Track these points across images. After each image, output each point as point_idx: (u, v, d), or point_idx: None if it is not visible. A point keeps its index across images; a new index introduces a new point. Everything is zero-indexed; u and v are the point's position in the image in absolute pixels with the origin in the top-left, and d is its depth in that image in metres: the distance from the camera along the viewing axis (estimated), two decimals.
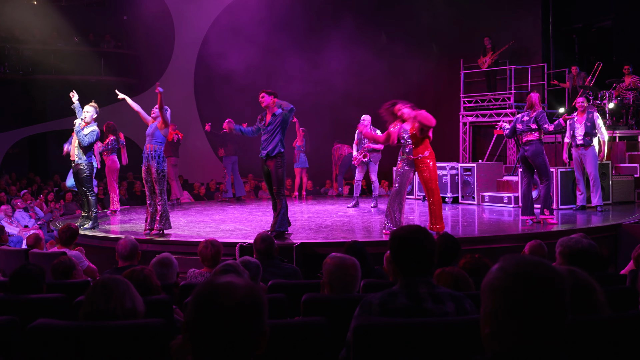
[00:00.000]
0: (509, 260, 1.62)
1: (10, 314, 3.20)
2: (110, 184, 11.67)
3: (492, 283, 1.61)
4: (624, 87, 13.16)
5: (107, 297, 2.66)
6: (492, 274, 1.63)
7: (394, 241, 2.82)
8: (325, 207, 12.10)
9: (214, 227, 9.26)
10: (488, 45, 15.61)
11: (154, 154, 8.14)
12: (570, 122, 10.15)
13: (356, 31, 17.36)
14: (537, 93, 9.39)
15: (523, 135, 8.58)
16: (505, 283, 1.58)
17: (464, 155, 16.12)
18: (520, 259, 1.62)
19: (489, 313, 1.60)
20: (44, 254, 6.72)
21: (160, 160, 8.14)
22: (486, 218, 10.16)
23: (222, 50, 17.17)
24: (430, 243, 2.79)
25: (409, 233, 2.81)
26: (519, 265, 1.59)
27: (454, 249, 4.66)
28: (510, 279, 1.57)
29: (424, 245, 2.76)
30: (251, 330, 1.64)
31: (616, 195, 11.01)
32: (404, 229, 2.87)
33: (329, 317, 2.91)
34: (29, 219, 12.29)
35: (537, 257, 1.66)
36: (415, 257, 2.75)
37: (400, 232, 2.86)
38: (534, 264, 1.59)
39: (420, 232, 2.83)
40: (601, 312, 2.49)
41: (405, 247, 2.77)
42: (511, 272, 1.58)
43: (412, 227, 2.86)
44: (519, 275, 1.57)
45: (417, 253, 2.75)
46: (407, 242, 2.77)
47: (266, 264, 4.91)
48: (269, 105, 7.93)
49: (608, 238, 8.16)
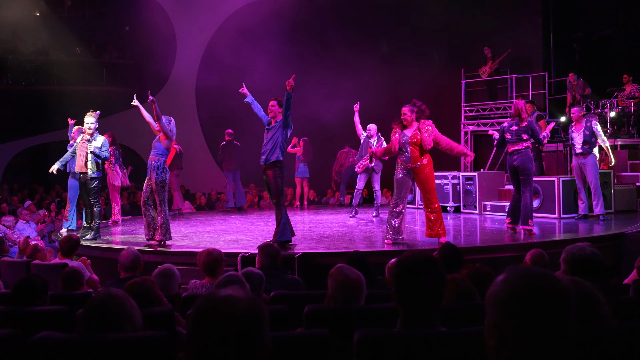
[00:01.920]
0: (514, 272, 1.62)
1: (13, 326, 3.19)
2: (113, 194, 11.68)
3: (497, 295, 1.60)
4: (625, 96, 13.17)
5: (100, 321, 2.62)
6: (496, 285, 1.62)
7: (397, 270, 2.47)
8: (327, 217, 12.09)
9: (215, 238, 9.25)
10: (488, 54, 15.64)
11: (154, 165, 8.21)
12: (569, 132, 10.20)
13: (357, 41, 17.41)
14: (523, 100, 9.47)
15: (511, 145, 8.55)
16: (510, 296, 1.57)
17: (466, 164, 16.11)
18: (525, 271, 1.61)
19: (493, 325, 1.60)
20: (46, 265, 6.71)
21: (160, 171, 8.19)
22: (488, 227, 10.14)
23: (224, 60, 17.22)
24: (436, 278, 2.42)
25: (413, 264, 2.44)
26: (524, 277, 1.58)
27: (456, 259, 4.65)
28: (516, 291, 1.57)
29: (427, 280, 2.40)
30: (253, 344, 1.64)
31: (618, 204, 10.99)
32: (410, 258, 2.47)
33: (332, 329, 2.90)
34: (31, 230, 12.29)
35: (541, 268, 1.66)
36: (416, 292, 2.41)
37: (404, 260, 2.48)
38: (539, 276, 1.58)
39: (428, 264, 2.44)
40: (605, 323, 2.48)
41: (406, 279, 2.42)
42: (516, 285, 1.58)
43: (420, 257, 2.47)
44: (524, 288, 1.56)
45: (418, 288, 2.40)
46: (409, 274, 2.42)
47: (269, 275, 4.90)
48: (275, 114, 7.95)
49: (611, 247, 8.13)
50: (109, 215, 12.48)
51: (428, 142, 7.54)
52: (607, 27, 15.78)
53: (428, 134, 7.55)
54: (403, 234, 7.90)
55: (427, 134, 7.55)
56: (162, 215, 8.23)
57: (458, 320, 3.01)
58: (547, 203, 10.56)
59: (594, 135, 10.08)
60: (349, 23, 17.39)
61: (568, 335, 1.55)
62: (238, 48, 17.24)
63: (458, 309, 3.28)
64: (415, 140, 7.58)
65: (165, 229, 8.26)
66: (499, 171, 13.45)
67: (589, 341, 2.35)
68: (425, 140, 7.54)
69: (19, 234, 11.79)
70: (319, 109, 15.76)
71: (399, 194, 7.81)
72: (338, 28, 17.08)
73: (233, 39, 17.56)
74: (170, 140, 8.34)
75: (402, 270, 2.44)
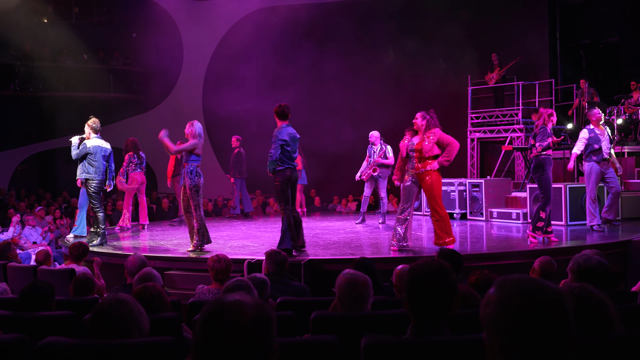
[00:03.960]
0: (504, 289, 1.56)
1: (20, 331, 3.19)
2: (127, 200, 11.70)
3: (490, 318, 1.55)
4: (632, 103, 13.12)
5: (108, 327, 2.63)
6: (490, 306, 1.56)
7: (408, 277, 2.50)
8: (333, 224, 12.08)
9: (222, 244, 9.25)
10: (495, 61, 15.64)
11: (187, 170, 8.21)
12: (591, 136, 9.70)
13: (362, 47, 17.45)
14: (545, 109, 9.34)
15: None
16: (504, 320, 1.53)
17: (472, 171, 16.10)
18: (514, 287, 1.55)
19: (491, 346, 1.56)
20: (53, 270, 6.74)
21: (193, 176, 8.18)
22: (494, 234, 10.11)
23: (230, 67, 17.28)
24: (448, 287, 2.44)
25: (424, 273, 2.46)
26: (517, 296, 1.52)
27: (456, 265, 4.64)
28: (510, 311, 1.52)
29: (438, 289, 2.42)
30: (261, 349, 1.63)
31: (626, 211, 10.91)
32: (422, 266, 2.50)
33: (339, 335, 2.89)
34: (37, 236, 12.32)
35: (532, 278, 1.59)
36: (427, 301, 2.43)
37: (416, 269, 2.50)
38: (530, 290, 1.53)
39: (440, 272, 2.46)
40: (614, 330, 2.46)
41: (417, 287, 2.45)
42: (507, 304, 1.53)
43: (432, 265, 2.50)
44: (519, 308, 1.51)
45: (430, 296, 2.43)
46: (420, 283, 2.45)
47: (275, 281, 4.90)
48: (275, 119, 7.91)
49: (618, 254, 8.08)
50: (115, 220, 12.51)
51: (427, 149, 7.54)
52: (614, 34, 15.76)
53: (429, 141, 7.56)
54: (409, 240, 7.88)
55: (428, 141, 7.57)
56: (198, 220, 8.25)
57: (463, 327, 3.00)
58: (554, 210, 10.49)
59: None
60: (352, 30, 17.42)
61: (570, 344, 1.51)
62: (244, 55, 17.29)
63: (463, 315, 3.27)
64: (419, 147, 7.63)
65: (201, 234, 8.27)
66: (506, 178, 13.43)
67: (598, 348, 2.33)
68: (425, 147, 7.55)
69: (25, 239, 11.82)
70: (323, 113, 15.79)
71: (405, 201, 7.82)
72: (345, 34, 17.13)
73: (239, 46, 17.61)
74: (192, 150, 8.25)
75: (413, 279, 2.46)
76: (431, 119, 7.65)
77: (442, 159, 7.51)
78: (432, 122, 7.64)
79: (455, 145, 7.55)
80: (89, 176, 9.32)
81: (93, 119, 9.58)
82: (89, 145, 9.34)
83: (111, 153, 9.64)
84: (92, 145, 9.35)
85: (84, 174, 9.36)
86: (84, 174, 9.36)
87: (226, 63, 18.02)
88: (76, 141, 9.50)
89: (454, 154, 7.54)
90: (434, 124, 7.64)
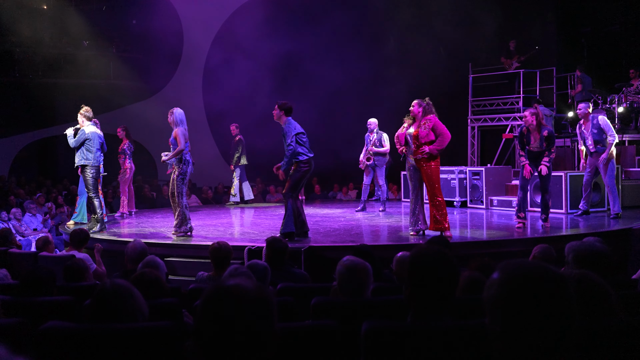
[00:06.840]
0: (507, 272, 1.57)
1: (21, 316, 3.20)
2: (122, 187, 11.71)
3: (493, 300, 1.56)
4: (632, 91, 13.06)
5: (107, 311, 2.64)
6: (493, 288, 1.58)
7: (411, 263, 2.51)
8: (334, 211, 12.09)
9: (222, 231, 9.27)
10: (512, 48, 15.60)
11: (175, 160, 8.42)
12: (579, 131, 9.96)
13: (363, 35, 17.37)
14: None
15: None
16: (507, 301, 1.53)
17: (472, 159, 16.07)
18: (518, 269, 1.56)
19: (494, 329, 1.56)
20: (54, 256, 6.75)
21: (181, 164, 8.43)
22: (494, 222, 10.12)
23: (231, 54, 17.22)
24: (449, 273, 2.46)
25: (428, 259, 2.47)
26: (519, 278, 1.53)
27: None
28: (513, 293, 1.53)
29: (439, 275, 2.44)
30: (261, 332, 1.63)
31: (626, 199, 10.91)
32: (423, 253, 2.52)
33: (339, 321, 2.90)
34: (37, 222, 12.33)
35: (535, 261, 1.60)
36: (429, 287, 2.45)
37: (418, 254, 2.52)
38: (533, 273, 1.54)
39: (441, 259, 2.47)
40: (615, 316, 2.46)
41: (419, 272, 2.46)
42: (511, 286, 1.53)
43: (433, 252, 2.51)
44: (521, 289, 1.52)
45: (431, 282, 2.45)
46: (423, 269, 2.46)
47: (275, 268, 4.90)
48: (275, 118, 8.03)
49: (618, 243, 8.08)
50: (116, 207, 12.52)
51: (423, 134, 7.76)
52: (615, 23, 15.69)
53: (425, 127, 7.79)
54: (420, 224, 8.16)
55: (424, 127, 7.79)
56: (180, 206, 8.45)
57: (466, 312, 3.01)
58: (554, 198, 10.50)
59: (603, 132, 9.78)
60: (352, 19, 17.32)
61: (572, 327, 1.51)
62: (245, 42, 17.22)
63: (466, 300, 3.28)
64: (416, 133, 7.83)
65: (180, 220, 8.37)
66: (506, 166, 13.42)
67: (599, 334, 2.34)
68: (421, 133, 7.78)
69: (26, 226, 11.83)
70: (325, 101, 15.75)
71: (412, 186, 8.15)
72: (345, 20, 17.03)
73: (240, 33, 17.53)
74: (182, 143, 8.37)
75: (415, 265, 2.48)
76: (427, 106, 7.91)
77: (433, 147, 7.74)
78: (428, 109, 7.90)
79: (447, 136, 7.78)
80: (87, 162, 9.38)
81: (85, 108, 9.70)
82: (87, 131, 9.43)
83: (104, 141, 9.84)
84: (90, 132, 9.46)
85: (82, 160, 9.42)
86: (82, 160, 9.42)
87: (227, 49, 17.92)
88: (71, 132, 9.62)
89: (444, 145, 7.80)
90: (430, 111, 7.90)
